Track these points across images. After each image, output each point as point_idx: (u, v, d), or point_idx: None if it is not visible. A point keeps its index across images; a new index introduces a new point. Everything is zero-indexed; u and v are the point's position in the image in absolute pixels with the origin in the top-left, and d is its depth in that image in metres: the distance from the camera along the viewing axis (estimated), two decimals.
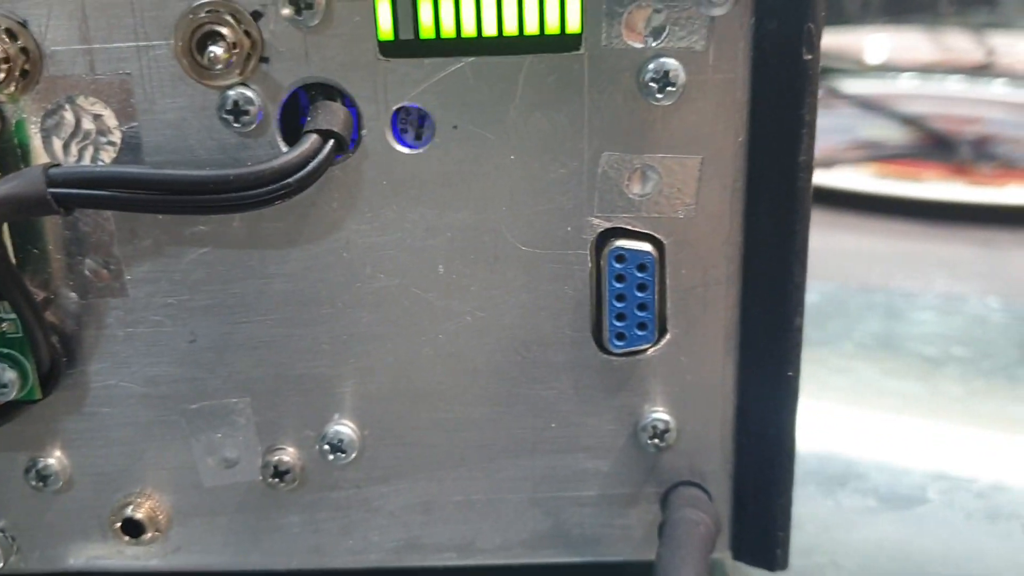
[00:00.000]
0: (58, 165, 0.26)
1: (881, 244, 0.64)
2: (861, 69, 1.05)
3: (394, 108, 0.28)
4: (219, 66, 0.27)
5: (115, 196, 0.26)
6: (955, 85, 0.97)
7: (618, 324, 0.29)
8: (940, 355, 0.48)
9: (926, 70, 1.03)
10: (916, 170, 0.75)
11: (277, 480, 0.31)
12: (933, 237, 0.65)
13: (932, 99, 0.92)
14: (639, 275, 0.28)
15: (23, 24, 0.27)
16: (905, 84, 0.99)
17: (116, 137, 0.28)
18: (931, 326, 0.51)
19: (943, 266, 0.60)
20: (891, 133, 0.86)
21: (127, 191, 0.26)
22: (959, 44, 1.10)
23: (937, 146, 0.80)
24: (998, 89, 0.96)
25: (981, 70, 1.02)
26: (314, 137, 0.27)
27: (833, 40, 1.04)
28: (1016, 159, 0.78)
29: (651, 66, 0.27)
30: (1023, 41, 1.11)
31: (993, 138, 0.83)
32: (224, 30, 0.26)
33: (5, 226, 0.28)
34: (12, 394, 0.29)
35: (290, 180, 0.26)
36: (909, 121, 0.86)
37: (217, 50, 0.26)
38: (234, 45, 0.27)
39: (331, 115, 0.27)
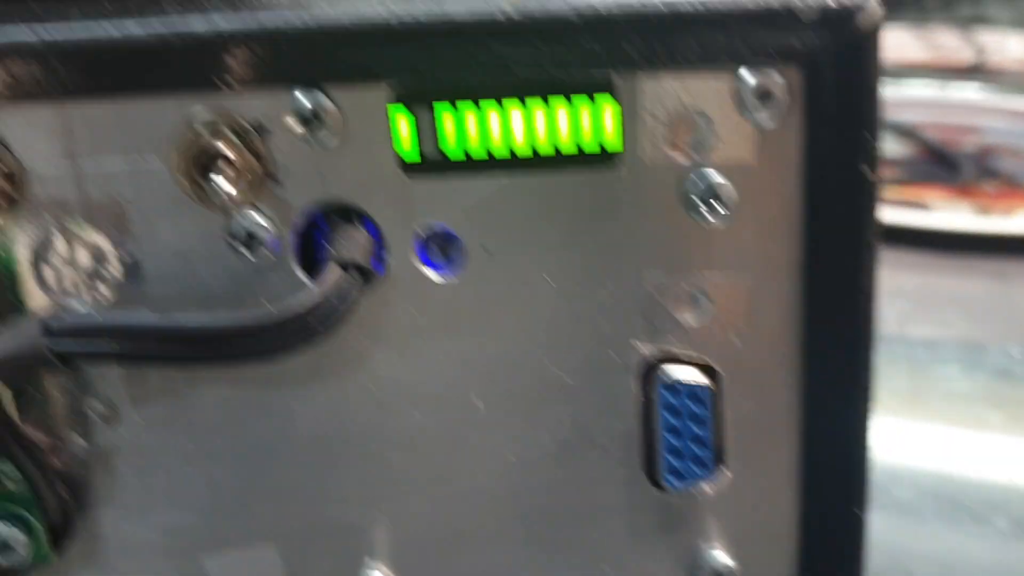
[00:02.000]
0: (55, 315, 0.24)
1: (891, 279, 0.62)
2: None
3: (419, 230, 0.26)
4: (228, 201, 0.24)
5: (120, 350, 0.24)
6: (950, 91, 0.95)
7: (673, 460, 0.27)
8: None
9: (916, 70, 1.02)
10: (919, 191, 0.74)
11: None
12: (944, 270, 0.63)
13: (927, 106, 0.91)
14: (693, 407, 0.26)
15: (4, 144, 0.24)
16: (899, 89, 0.97)
17: (116, 268, 0.26)
18: (958, 384, 0.50)
19: (958, 305, 0.58)
20: (887, 144, 0.84)
21: (134, 343, 0.24)
22: (948, 42, 1.09)
23: (938, 162, 0.79)
24: (994, 95, 0.94)
25: (972, 71, 1.00)
26: (336, 268, 0.24)
27: None
28: (1019, 176, 0.76)
29: (696, 182, 0.25)
30: (1011, 39, 1.09)
31: (994, 150, 0.81)
32: (226, 149, 0.24)
33: None
34: (23, 557, 0.27)
35: (313, 322, 0.24)
36: (906, 133, 0.84)
37: (223, 182, 0.23)
38: (238, 166, 0.24)
39: (351, 242, 0.25)
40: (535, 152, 0.25)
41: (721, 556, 0.28)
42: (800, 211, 0.25)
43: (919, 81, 0.99)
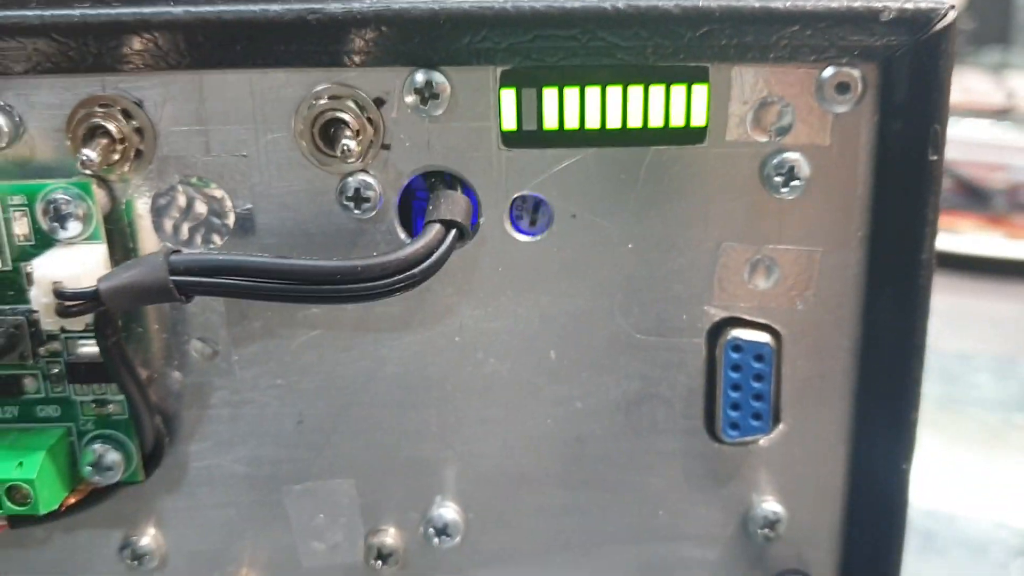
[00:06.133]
0: (178, 251, 0.26)
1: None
2: None
3: (513, 197, 0.28)
4: (352, 159, 0.26)
5: (238, 284, 0.26)
6: (980, 130, 0.97)
7: (732, 414, 0.29)
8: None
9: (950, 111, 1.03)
10: (952, 220, 0.75)
11: (379, 562, 0.30)
12: (976, 292, 0.64)
13: (959, 144, 0.92)
14: (756, 365, 0.28)
15: (139, 104, 0.27)
16: None
17: (230, 219, 0.28)
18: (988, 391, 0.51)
19: (991, 324, 0.60)
20: None
21: (251, 280, 0.26)
22: (979, 86, 1.11)
23: (970, 195, 0.80)
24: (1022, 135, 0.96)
25: (1003, 113, 1.02)
26: (438, 227, 0.26)
27: None
28: None
29: (775, 160, 0.27)
30: None
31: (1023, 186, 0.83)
32: (347, 117, 0.26)
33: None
34: (117, 476, 0.29)
35: (415, 271, 0.26)
36: None
37: (351, 144, 0.25)
38: (357, 132, 0.26)
39: (453, 204, 0.27)
40: (625, 126, 0.27)
41: (772, 505, 0.30)
42: (868, 189, 0.27)
43: (952, 120, 1.00)
